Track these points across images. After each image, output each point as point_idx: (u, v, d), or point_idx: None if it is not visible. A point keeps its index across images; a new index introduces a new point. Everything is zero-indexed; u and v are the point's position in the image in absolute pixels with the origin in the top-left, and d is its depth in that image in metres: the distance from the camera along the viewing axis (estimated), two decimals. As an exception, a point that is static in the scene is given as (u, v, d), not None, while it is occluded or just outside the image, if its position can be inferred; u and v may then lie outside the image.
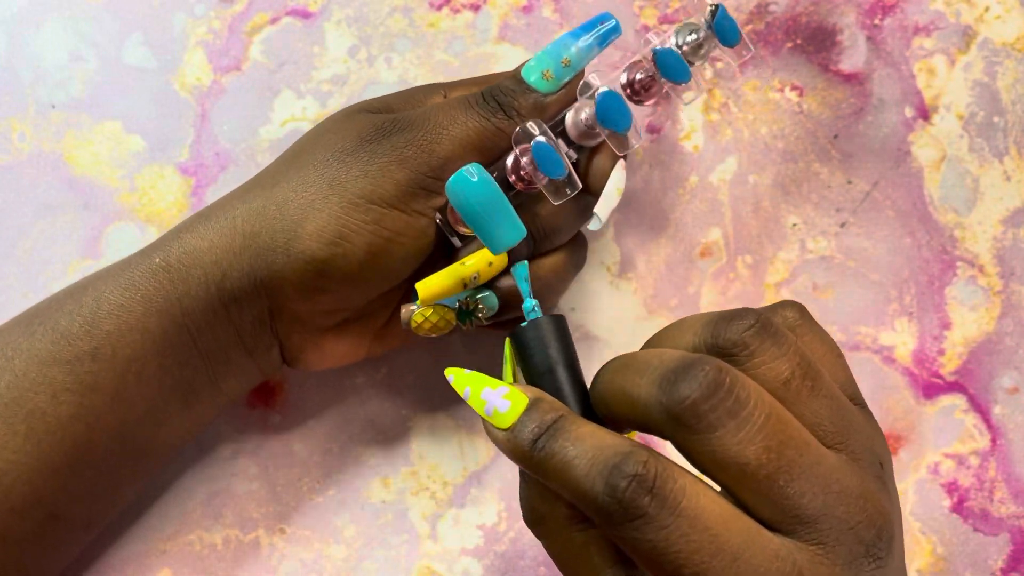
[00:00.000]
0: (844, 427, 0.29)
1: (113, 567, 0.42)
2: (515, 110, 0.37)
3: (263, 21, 0.45)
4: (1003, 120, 0.45)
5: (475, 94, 0.38)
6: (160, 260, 0.36)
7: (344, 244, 0.35)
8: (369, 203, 0.35)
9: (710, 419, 0.27)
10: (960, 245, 0.45)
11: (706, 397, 0.27)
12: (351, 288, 0.37)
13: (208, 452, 0.43)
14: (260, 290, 0.36)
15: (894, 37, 0.45)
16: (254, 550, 0.42)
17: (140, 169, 0.44)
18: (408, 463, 0.43)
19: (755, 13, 0.46)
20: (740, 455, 0.27)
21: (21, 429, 0.35)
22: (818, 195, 0.45)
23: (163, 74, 0.45)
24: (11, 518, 0.35)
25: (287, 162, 0.38)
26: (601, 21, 0.38)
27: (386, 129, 0.37)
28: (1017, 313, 0.44)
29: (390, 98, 0.40)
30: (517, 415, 0.30)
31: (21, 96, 0.45)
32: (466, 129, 0.37)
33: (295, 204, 0.36)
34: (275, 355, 0.39)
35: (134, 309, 0.35)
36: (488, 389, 0.31)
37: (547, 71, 0.37)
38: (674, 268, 0.45)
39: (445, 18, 0.45)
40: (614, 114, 0.37)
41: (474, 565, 0.43)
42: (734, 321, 0.29)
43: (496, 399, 0.31)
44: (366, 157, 0.36)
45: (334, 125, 0.38)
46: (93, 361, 0.35)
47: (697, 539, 0.27)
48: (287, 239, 0.35)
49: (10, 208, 0.44)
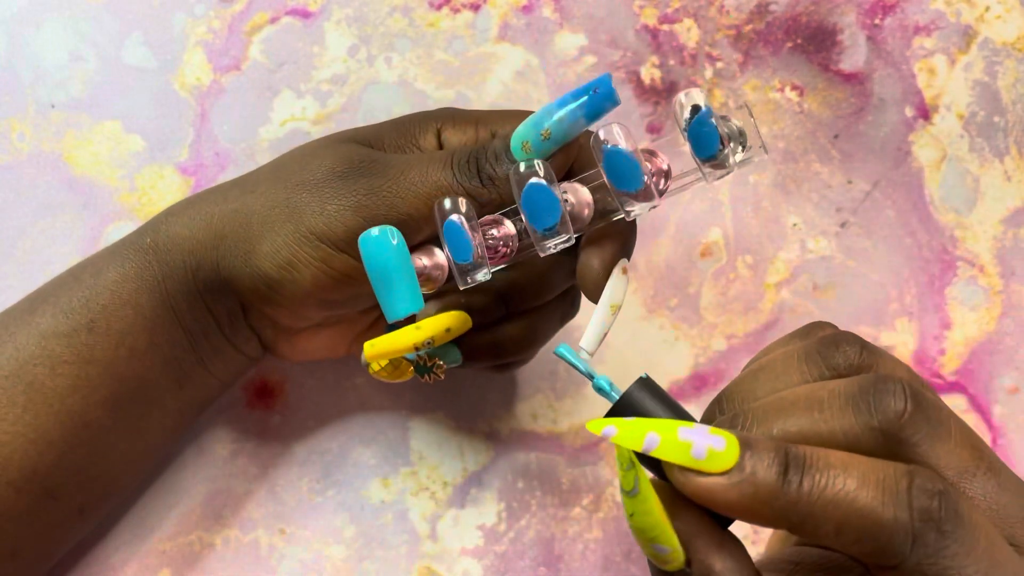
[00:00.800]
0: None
1: (113, 567, 0.42)
2: (490, 178, 0.35)
3: (263, 21, 0.45)
4: (1003, 120, 0.45)
5: (460, 153, 0.36)
6: (150, 241, 0.37)
7: (292, 272, 0.36)
8: (319, 240, 0.35)
9: (925, 429, 0.26)
10: (960, 245, 0.45)
11: (914, 409, 0.26)
12: (304, 308, 0.37)
13: (208, 452, 0.43)
14: (227, 286, 0.37)
15: (894, 37, 0.45)
16: (254, 550, 0.42)
17: (140, 169, 0.44)
18: (408, 463, 0.43)
19: (755, 12, 0.46)
20: (959, 460, 0.27)
21: (20, 400, 0.35)
22: (818, 195, 0.45)
23: (163, 74, 0.45)
24: (8, 492, 0.35)
25: (270, 171, 0.38)
26: (594, 87, 0.33)
27: (358, 169, 0.36)
28: (1017, 313, 0.44)
29: (385, 129, 0.38)
30: (737, 451, 0.25)
31: (21, 96, 0.45)
32: (436, 190, 0.35)
33: (259, 219, 0.36)
34: (255, 344, 0.40)
35: (127, 285, 0.37)
36: (686, 429, 0.26)
37: (527, 143, 0.34)
38: (674, 268, 0.45)
39: (445, 18, 0.45)
40: (540, 210, 0.32)
41: (474, 565, 0.42)
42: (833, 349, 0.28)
43: (706, 437, 0.25)
44: (328, 194, 0.35)
45: (319, 148, 0.38)
46: (89, 334, 0.36)
47: (990, 558, 0.25)
48: (246, 250, 0.36)
49: (10, 208, 0.44)
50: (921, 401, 0.26)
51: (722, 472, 0.25)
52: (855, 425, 0.26)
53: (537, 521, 0.43)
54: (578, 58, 0.45)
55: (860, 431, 0.26)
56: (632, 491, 0.25)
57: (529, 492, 0.43)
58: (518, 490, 0.43)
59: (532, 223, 0.33)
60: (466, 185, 0.35)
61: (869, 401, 0.26)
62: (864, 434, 0.26)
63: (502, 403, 0.44)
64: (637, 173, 0.32)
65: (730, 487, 0.25)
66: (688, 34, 0.45)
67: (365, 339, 0.40)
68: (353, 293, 0.36)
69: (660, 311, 0.44)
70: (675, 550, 0.26)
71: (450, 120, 0.38)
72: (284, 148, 0.45)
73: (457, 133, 0.38)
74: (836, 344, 0.29)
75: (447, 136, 0.38)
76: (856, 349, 0.29)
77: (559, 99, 0.34)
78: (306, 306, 0.37)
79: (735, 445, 0.25)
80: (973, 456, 0.27)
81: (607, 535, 0.43)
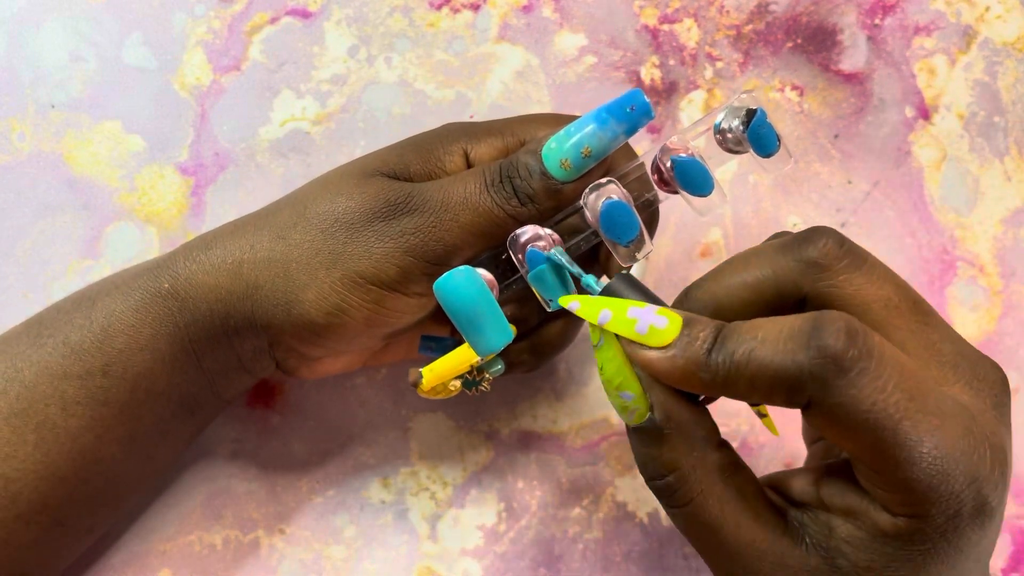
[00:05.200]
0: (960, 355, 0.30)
1: (113, 567, 0.42)
2: (529, 197, 0.35)
3: (263, 21, 0.45)
4: (1003, 120, 0.45)
5: (493, 171, 0.36)
6: (169, 287, 0.36)
7: (342, 316, 0.35)
8: (370, 284, 0.35)
9: (848, 260, 0.29)
10: (960, 245, 0.45)
11: (837, 245, 0.29)
12: (348, 344, 0.37)
13: (208, 452, 0.43)
14: (260, 331, 0.36)
15: (894, 37, 0.45)
16: (254, 550, 0.42)
17: (140, 169, 0.44)
18: (408, 463, 0.43)
19: (755, 13, 0.45)
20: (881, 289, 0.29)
21: (31, 439, 0.35)
22: (818, 195, 0.45)
23: (163, 74, 0.45)
24: (17, 524, 0.35)
25: (296, 212, 0.37)
26: (630, 103, 0.34)
27: (398, 207, 0.35)
28: (1017, 313, 0.44)
29: (407, 154, 0.37)
30: (679, 329, 0.29)
31: (21, 96, 0.45)
32: (476, 215, 0.35)
33: (299, 267, 0.35)
34: (272, 369, 0.39)
35: (144, 331, 0.36)
36: (635, 307, 0.30)
37: (566, 160, 0.35)
38: (674, 268, 0.45)
39: (445, 18, 0.45)
40: (618, 227, 0.34)
41: (474, 565, 0.42)
42: (810, 243, 0.30)
43: (650, 316, 0.29)
44: (372, 238, 0.35)
45: (347, 186, 0.36)
46: (104, 377, 0.35)
47: (907, 387, 0.27)
48: (288, 300, 0.35)
49: (10, 208, 0.44)
50: (847, 243, 0.30)
51: (661, 347, 0.29)
52: (784, 263, 0.30)
53: (537, 521, 0.43)
54: (578, 58, 0.45)
55: (790, 267, 0.29)
56: (599, 343, 0.31)
57: (529, 492, 0.43)
58: (518, 490, 0.43)
59: (613, 238, 0.34)
60: (506, 208, 0.35)
61: (798, 243, 0.30)
62: (794, 268, 0.29)
63: (502, 403, 0.44)
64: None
65: (664, 359, 0.29)
66: (688, 34, 0.45)
67: (382, 356, 0.41)
68: (400, 326, 0.37)
69: (660, 311, 0.44)
70: (638, 395, 0.30)
71: (474, 137, 0.38)
72: (284, 148, 0.45)
73: (486, 148, 0.38)
74: (806, 241, 0.30)
75: (477, 154, 0.37)
76: (831, 240, 0.30)
77: (594, 114, 0.35)
78: (351, 344, 0.37)
79: (677, 325, 0.29)
80: (898, 292, 0.30)
81: (607, 535, 0.43)
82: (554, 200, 0.35)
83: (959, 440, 0.27)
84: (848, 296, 0.29)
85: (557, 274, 0.34)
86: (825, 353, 0.27)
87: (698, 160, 0.34)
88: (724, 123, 0.35)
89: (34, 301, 0.43)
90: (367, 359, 0.41)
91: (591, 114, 0.35)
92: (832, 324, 0.27)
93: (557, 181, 0.35)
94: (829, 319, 0.27)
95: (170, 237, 0.44)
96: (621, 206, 0.34)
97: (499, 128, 0.38)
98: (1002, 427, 0.29)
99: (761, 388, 0.28)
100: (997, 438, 0.28)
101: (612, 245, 0.34)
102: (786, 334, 0.28)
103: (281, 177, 0.44)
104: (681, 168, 0.34)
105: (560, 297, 0.32)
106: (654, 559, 0.43)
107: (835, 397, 0.27)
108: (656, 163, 0.35)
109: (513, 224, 0.35)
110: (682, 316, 0.30)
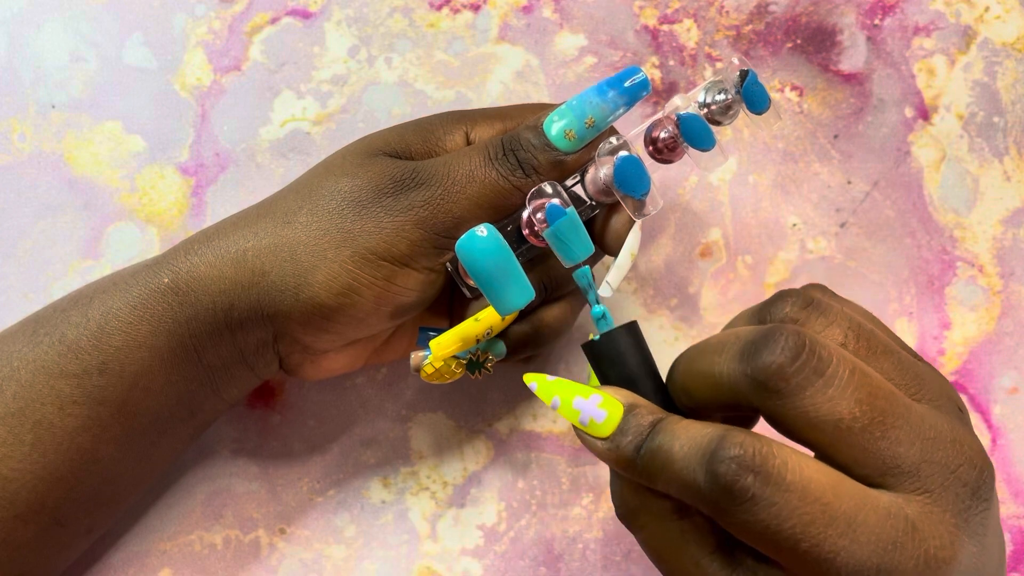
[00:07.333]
0: (913, 379, 0.29)
1: (113, 567, 0.42)
2: (534, 168, 0.36)
3: (263, 21, 0.45)
4: (1003, 120, 0.45)
5: (495, 145, 0.37)
6: (169, 281, 0.36)
7: (353, 296, 0.35)
8: (381, 259, 0.35)
9: (798, 380, 0.27)
10: (960, 245, 0.45)
11: (791, 360, 0.27)
12: (356, 328, 0.37)
13: (208, 452, 0.43)
14: (266, 321, 0.36)
15: (894, 37, 0.45)
16: (254, 550, 0.42)
17: (140, 169, 0.44)
18: (408, 463, 0.43)
19: (755, 13, 0.46)
20: (833, 411, 0.27)
21: (28, 439, 0.35)
22: (818, 195, 0.45)
23: (163, 74, 0.45)
24: (15, 524, 0.35)
25: (301, 197, 0.37)
26: (629, 77, 0.36)
27: (404, 183, 0.36)
28: (1017, 313, 0.44)
29: (409, 133, 0.38)
30: (615, 424, 0.31)
31: (21, 96, 0.45)
32: (483, 187, 0.36)
33: (307, 249, 0.35)
34: (275, 367, 0.39)
35: (142, 327, 0.36)
36: (580, 398, 0.31)
37: (570, 131, 0.36)
38: (674, 268, 0.45)
39: (445, 18, 0.45)
40: (632, 180, 0.36)
41: (474, 565, 0.43)
42: (777, 303, 0.30)
43: (591, 409, 0.31)
44: (381, 213, 0.35)
45: (351, 167, 0.37)
46: (101, 375, 0.35)
47: (809, 511, 0.26)
48: (297, 284, 0.35)
49: (10, 208, 0.44)
50: (803, 353, 0.28)
51: (601, 438, 0.31)
52: (734, 371, 0.29)
53: (537, 521, 0.43)
54: (578, 58, 0.45)
55: (737, 378, 0.29)
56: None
57: (529, 492, 0.43)
58: (518, 490, 0.43)
59: (628, 192, 0.36)
60: (511, 179, 0.36)
61: (753, 350, 0.28)
62: (739, 381, 0.28)
63: (502, 403, 0.44)
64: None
65: (604, 451, 0.31)
66: (688, 34, 0.45)
67: (384, 352, 0.41)
68: (410, 304, 0.37)
69: (660, 311, 0.44)
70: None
71: (475, 120, 0.39)
72: (285, 148, 0.45)
73: (486, 129, 0.39)
74: (774, 301, 0.30)
75: (477, 135, 0.38)
76: (795, 301, 0.30)
77: (596, 88, 0.36)
78: (360, 326, 0.37)
79: (615, 418, 0.31)
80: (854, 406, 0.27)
81: (607, 535, 0.43)
82: (558, 171, 0.36)
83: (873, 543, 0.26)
84: (797, 418, 0.28)
85: (574, 231, 0.35)
86: (716, 483, 0.27)
87: (699, 116, 0.36)
88: (707, 97, 0.37)
89: (35, 301, 0.43)
90: (368, 356, 0.41)
91: (592, 88, 0.36)
92: (730, 448, 0.27)
93: (561, 152, 0.36)
94: (729, 442, 0.27)
95: (171, 237, 0.44)
96: (635, 160, 0.36)
97: (499, 113, 0.39)
98: (976, 439, 0.29)
99: (678, 495, 0.29)
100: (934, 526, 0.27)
101: (624, 199, 0.36)
102: (695, 446, 0.28)
103: (281, 177, 0.44)
104: (686, 123, 0.36)
105: (526, 375, 0.33)
106: (654, 559, 0.43)
107: (735, 519, 0.27)
108: (649, 135, 0.37)
109: (518, 196, 0.36)
110: (624, 406, 0.31)
